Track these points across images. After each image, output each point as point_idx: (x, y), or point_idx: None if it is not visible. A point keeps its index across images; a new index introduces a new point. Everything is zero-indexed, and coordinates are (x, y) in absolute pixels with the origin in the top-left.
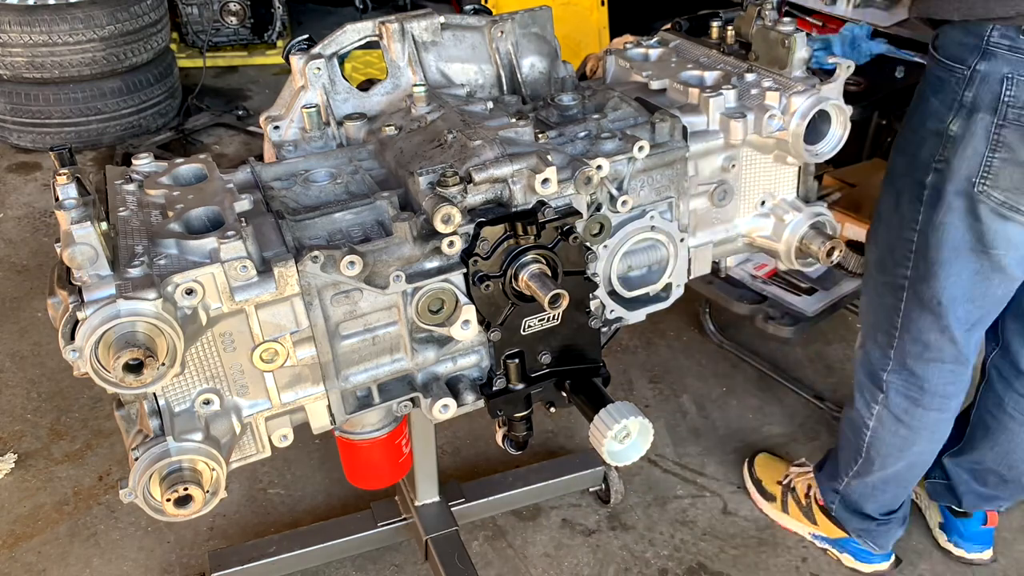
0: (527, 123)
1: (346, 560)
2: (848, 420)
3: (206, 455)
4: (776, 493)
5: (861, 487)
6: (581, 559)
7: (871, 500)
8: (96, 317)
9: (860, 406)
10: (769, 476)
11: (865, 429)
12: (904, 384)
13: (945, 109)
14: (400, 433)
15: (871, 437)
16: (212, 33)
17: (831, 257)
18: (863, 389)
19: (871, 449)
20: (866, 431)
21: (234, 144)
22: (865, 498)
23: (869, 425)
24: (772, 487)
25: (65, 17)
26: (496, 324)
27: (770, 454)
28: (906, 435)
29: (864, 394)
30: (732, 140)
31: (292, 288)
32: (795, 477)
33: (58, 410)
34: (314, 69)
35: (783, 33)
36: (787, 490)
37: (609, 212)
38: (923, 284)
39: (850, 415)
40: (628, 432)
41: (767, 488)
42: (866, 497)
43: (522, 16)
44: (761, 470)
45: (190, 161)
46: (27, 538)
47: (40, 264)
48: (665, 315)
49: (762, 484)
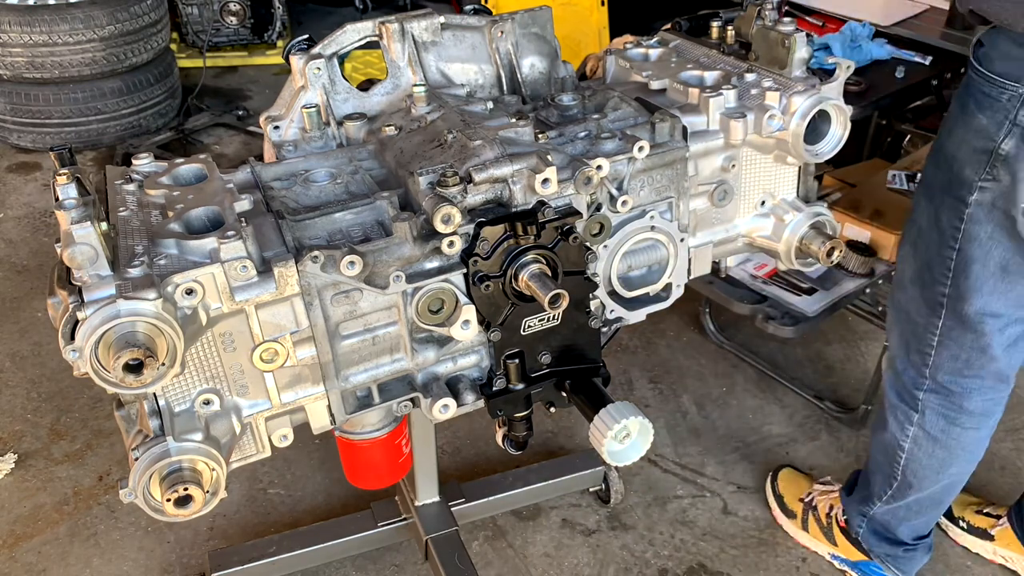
0: (527, 123)
1: (346, 560)
2: (879, 443)
3: (206, 455)
4: (797, 511)
5: (894, 511)
6: (581, 559)
7: (904, 524)
8: (96, 317)
9: (894, 428)
10: (791, 493)
11: (900, 452)
12: (941, 403)
13: (995, 128)
14: (400, 433)
15: (907, 459)
16: (212, 33)
17: (831, 257)
18: (896, 411)
19: (907, 472)
20: (901, 454)
21: (234, 144)
22: (897, 522)
23: (904, 447)
24: (793, 504)
25: (65, 17)
26: (496, 324)
27: (795, 469)
28: (943, 456)
29: (897, 415)
30: (732, 140)
31: (292, 288)
32: (817, 496)
33: (58, 410)
34: (314, 69)
35: (783, 33)
36: (808, 508)
37: (609, 212)
38: (963, 302)
39: (882, 437)
40: (628, 432)
41: (788, 505)
42: (899, 521)
43: (522, 16)
44: (784, 486)
45: (190, 161)
46: (27, 538)
47: (40, 264)
48: (665, 315)
49: (783, 500)
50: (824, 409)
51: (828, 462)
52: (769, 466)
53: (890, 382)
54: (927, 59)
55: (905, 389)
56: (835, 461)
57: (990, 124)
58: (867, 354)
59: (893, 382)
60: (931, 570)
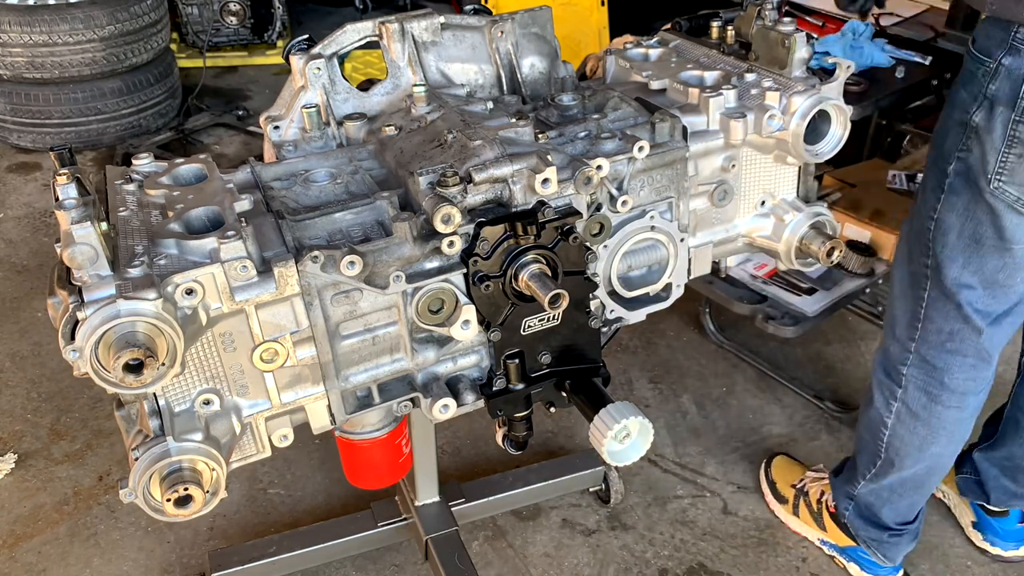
0: (527, 123)
1: (346, 560)
2: (866, 421)
3: (206, 455)
4: (788, 496)
5: (877, 491)
6: (581, 559)
7: (887, 506)
8: (96, 317)
9: (879, 404)
10: (784, 479)
11: (884, 428)
12: (923, 377)
13: (971, 100)
14: (400, 433)
15: (889, 436)
16: (212, 33)
17: (831, 257)
18: (882, 386)
19: (889, 449)
20: (884, 430)
21: (234, 144)
22: (881, 503)
23: (888, 423)
24: (785, 490)
25: (65, 17)
26: (496, 324)
27: (789, 457)
28: (925, 434)
29: (883, 391)
30: (732, 140)
31: (292, 288)
32: (809, 482)
33: (58, 410)
34: (314, 69)
35: (783, 33)
36: (800, 494)
37: (609, 212)
38: (942, 272)
39: (868, 415)
40: (628, 432)
41: (780, 490)
42: (882, 502)
43: (522, 16)
44: (777, 472)
45: (190, 161)
46: (27, 538)
47: (40, 264)
48: (665, 315)
49: (776, 486)
50: (824, 409)
51: (828, 462)
52: None
53: (878, 360)
54: (927, 59)
55: (891, 365)
56: (835, 461)
57: (967, 98)
58: (867, 354)
59: (881, 359)
60: (931, 570)
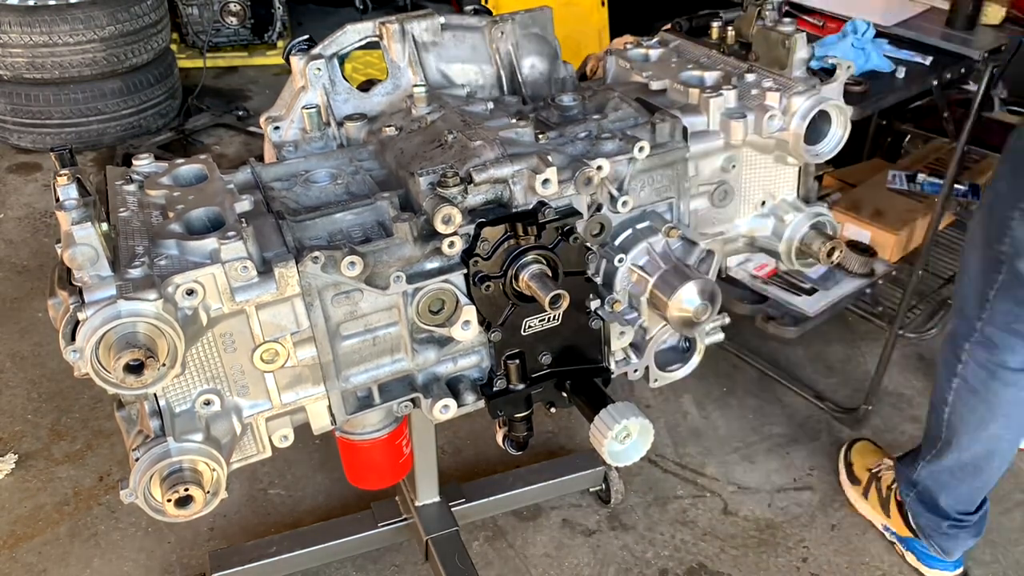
0: (527, 123)
1: (346, 560)
2: (932, 404)
3: (207, 456)
4: (863, 479)
5: (936, 474)
6: (581, 559)
7: (944, 491)
8: (97, 318)
9: (942, 382)
10: (862, 462)
11: (945, 406)
12: (984, 354)
13: None
14: (400, 433)
15: (949, 413)
16: (212, 33)
17: (831, 257)
18: (946, 365)
19: (948, 427)
20: (945, 407)
21: (234, 144)
22: (939, 488)
23: (948, 400)
24: (861, 472)
25: (65, 18)
26: (496, 324)
27: (871, 443)
28: (983, 412)
29: (946, 370)
30: (732, 140)
31: (293, 289)
32: (884, 469)
33: (58, 410)
34: (314, 69)
35: (783, 33)
36: (873, 478)
37: (609, 212)
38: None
39: (933, 398)
40: (629, 432)
41: (856, 472)
42: (940, 487)
43: (522, 16)
44: (856, 454)
45: (190, 162)
46: (27, 538)
47: (40, 264)
48: None
49: (852, 468)
50: (825, 409)
51: (829, 462)
52: (770, 465)
53: (945, 341)
54: (927, 59)
55: (956, 343)
56: (836, 461)
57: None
58: (867, 354)
59: (947, 340)
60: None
